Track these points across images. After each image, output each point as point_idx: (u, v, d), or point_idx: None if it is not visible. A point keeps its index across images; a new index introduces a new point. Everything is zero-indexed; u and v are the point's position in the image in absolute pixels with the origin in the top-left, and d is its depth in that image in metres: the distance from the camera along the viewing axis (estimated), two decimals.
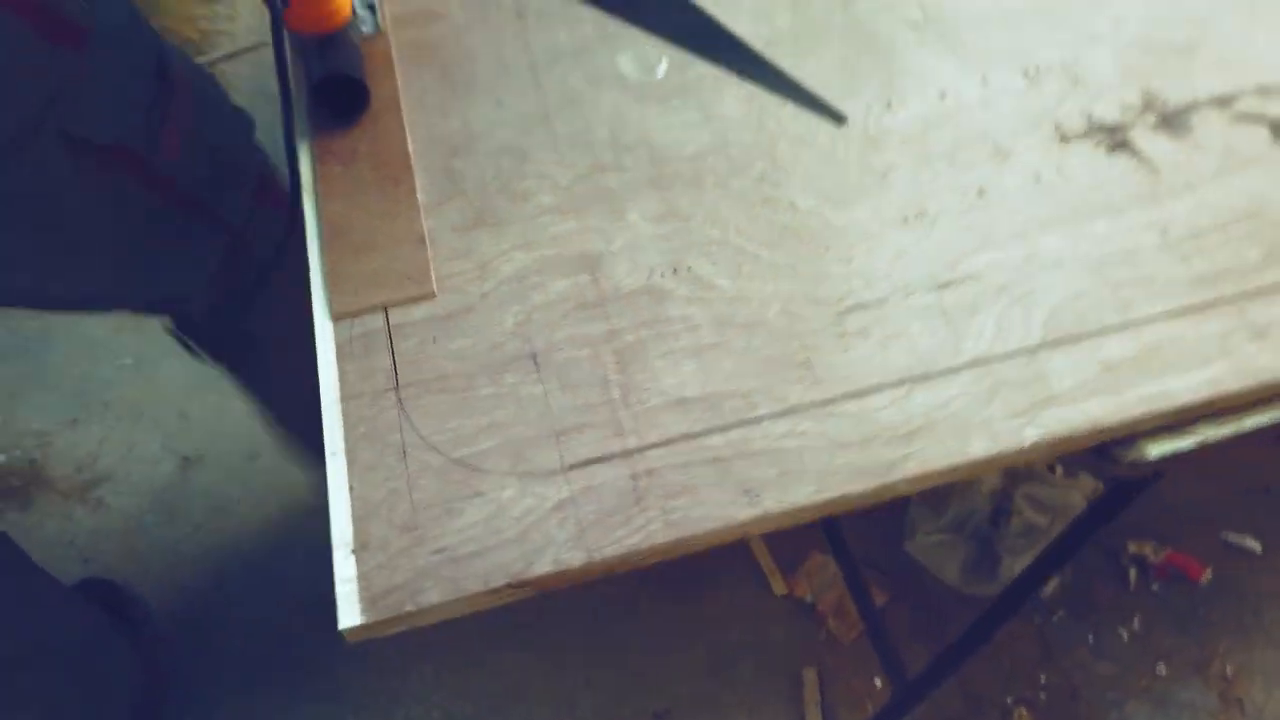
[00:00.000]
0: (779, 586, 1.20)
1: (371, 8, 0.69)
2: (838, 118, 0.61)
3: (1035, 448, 0.48)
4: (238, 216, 0.78)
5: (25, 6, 0.55)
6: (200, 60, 1.64)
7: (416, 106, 0.64)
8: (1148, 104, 0.60)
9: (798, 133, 0.61)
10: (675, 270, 0.55)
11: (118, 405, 1.36)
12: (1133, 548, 1.21)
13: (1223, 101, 0.60)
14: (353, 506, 0.48)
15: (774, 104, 0.62)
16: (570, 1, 0.70)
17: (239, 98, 0.81)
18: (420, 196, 0.59)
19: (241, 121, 0.80)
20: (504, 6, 0.69)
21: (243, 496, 1.29)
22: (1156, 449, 0.49)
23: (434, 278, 0.55)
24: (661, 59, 0.66)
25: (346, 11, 0.61)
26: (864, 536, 1.22)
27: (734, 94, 0.63)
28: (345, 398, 0.51)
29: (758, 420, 0.49)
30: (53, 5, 0.56)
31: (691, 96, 0.63)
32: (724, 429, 0.49)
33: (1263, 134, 0.58)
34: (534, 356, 0.52)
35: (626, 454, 0.49)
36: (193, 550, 1.26)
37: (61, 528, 1.27)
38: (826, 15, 0.67)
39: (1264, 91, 0.60)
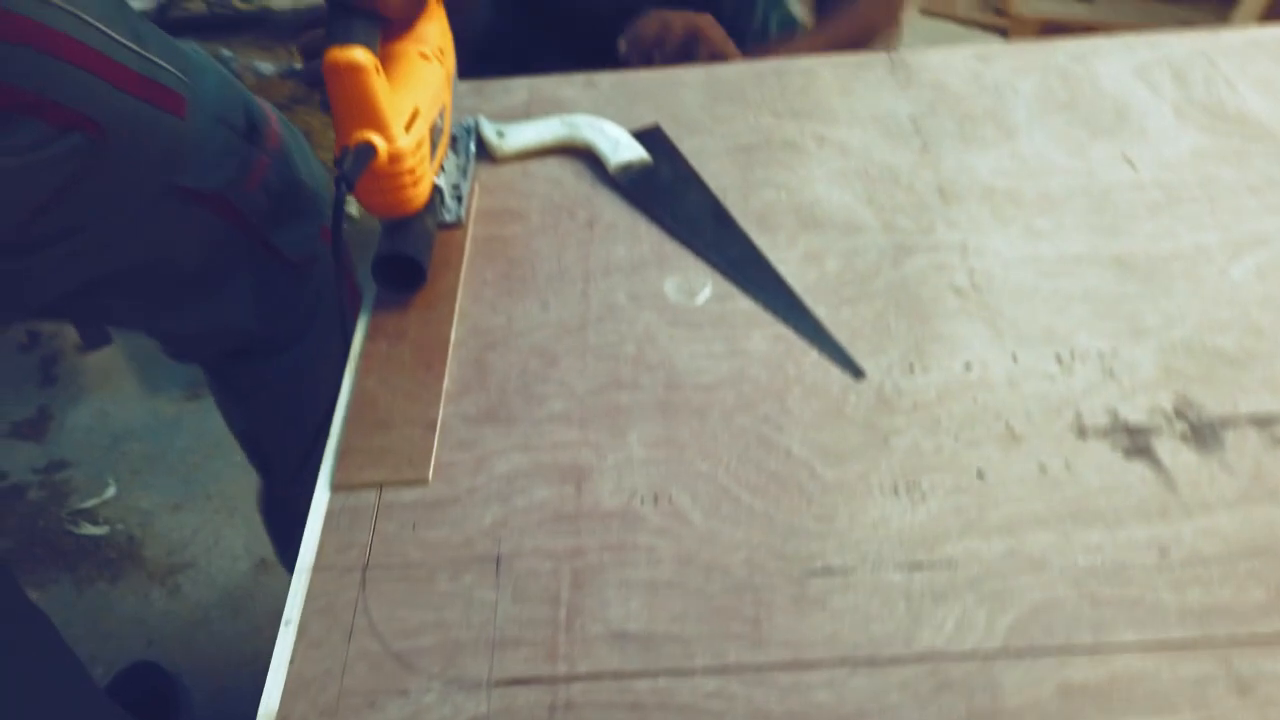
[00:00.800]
0: None
1: (459, 199, 0.75)
2: (856, 372, 0.62)
3: None
4: (298, 253, 0.89)
5: (130, 83, 0.65)
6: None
7: (473, 297, 0.69)
8: (1181, 411, 0.58)
9: (813, 380, 0.62)
10: (656, 498, 0.56)
11: (217, 499, 1.46)
12: None
13: (1264, 422, 0.57)
14: (287, 679, 0.50)
15: (799, 348, 0.64)
16: (638, 219, 0.74)
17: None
18: (446, 383, 0.63)
19: (317, 171, 0.91)
20: (577, 216, 0.75)
21: None
22: None
23: (433, 465, 0.59)
24: (705, 286, 0.69)
25: (418, 204, 0.67)
26: None
27: (763, 332, 0.65)
28: (317, 568, 0.54)
29: (690, 673, 0.49)
30: (150, 78, 0.66)
31: (723, 327, 0.66)
32: (654, 675, 0.49)
33: None
34: (498, 560, 0.54)
35: (553, 681, 0.49)
36: (247, 652, 1.31)
37: (138, 607, 1.35)
38: (875, 269, 0.68)
39: None
